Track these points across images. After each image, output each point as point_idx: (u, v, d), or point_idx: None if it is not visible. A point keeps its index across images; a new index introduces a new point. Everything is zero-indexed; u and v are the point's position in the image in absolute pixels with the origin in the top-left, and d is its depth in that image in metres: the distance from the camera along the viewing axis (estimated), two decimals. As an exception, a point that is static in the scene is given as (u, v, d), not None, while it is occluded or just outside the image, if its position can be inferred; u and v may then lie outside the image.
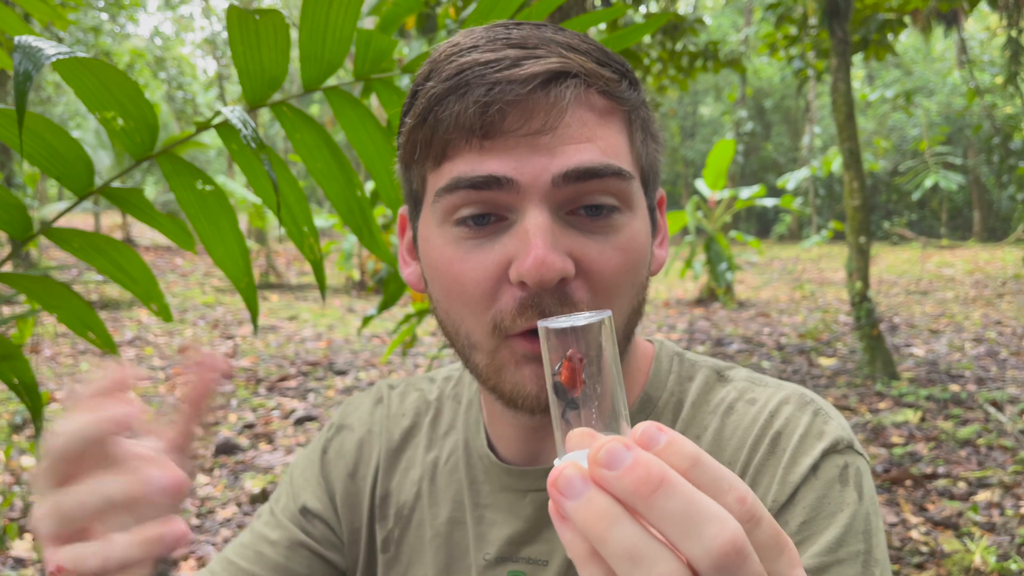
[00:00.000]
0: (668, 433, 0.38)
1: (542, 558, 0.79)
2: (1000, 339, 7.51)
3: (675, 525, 0.36)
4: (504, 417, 0.80)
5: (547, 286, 0.65)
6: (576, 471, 0.38)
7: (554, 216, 0.67)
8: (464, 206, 0.68)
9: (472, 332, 0.70)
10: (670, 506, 0.36)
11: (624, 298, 0.70)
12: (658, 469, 0.36)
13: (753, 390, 0.78)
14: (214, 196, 1.02)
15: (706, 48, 7.83)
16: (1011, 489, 3.73)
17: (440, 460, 0.87)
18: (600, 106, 0.69)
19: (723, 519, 0.36)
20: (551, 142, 0.66)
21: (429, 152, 0.69)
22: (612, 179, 0.68)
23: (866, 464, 0.74)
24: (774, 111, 25.28)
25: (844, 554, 0.67)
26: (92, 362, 6.71)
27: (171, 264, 14.21)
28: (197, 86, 24.04)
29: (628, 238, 0.70)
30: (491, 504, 0.82)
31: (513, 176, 0.66)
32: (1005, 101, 16.02)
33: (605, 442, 0.37)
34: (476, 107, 0.65)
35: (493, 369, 0.70)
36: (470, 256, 0.68)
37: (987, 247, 18.14)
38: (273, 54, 0.91)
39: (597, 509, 0.37)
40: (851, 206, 5.94)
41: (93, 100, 0.86)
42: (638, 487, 0.36)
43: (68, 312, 1.02)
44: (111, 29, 18.38)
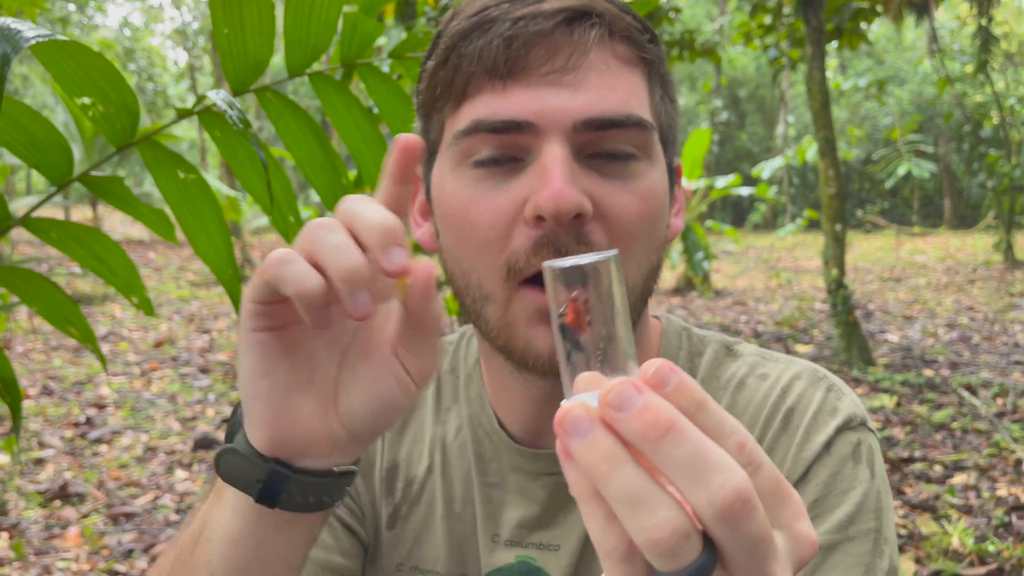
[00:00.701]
0: (679, 374, 0.38)
1: (554, 543, 0.77)
2: (972, 324, 7.62)
3: (681, 471, 0.35)
4: (514, 390, 0.77)
5: (564, 218, 0.63)
6: (583, 411, 0.37)
7: (574, 154, 0.66)
8: (483, 148, 0.67)
9: (485, 280, 0.68)
10: (678, 452, 0.35)
11: (641, 248, 0.69)
12: (667, 414, 0.36)
13: (764, 365, 0.78)
14: (197, 185, 1.00)
15: (681, 37, 7.84)
16: (986, 472, 3.79)
17: (448, 436, 0.84)
18: (623, 54, 0.69)
19: (729, 467, 0.36)
20: (574, 81, 0.65)
21: (450, 92, 0.68)
22: (633, 129, 0.67)
23: (877, 441, 0.74)
24: (749, 100, 25.42)
25: (855, 532, 0.67)
26: (65, 359, 6.61)
27: (144, 259, 14.04)
28: (168, 77, 23.72)
29: (647, 186, 0.69)
30: (499, 483, 0.80)
31: (533, 120, 0.65)
32: (975, 90, 16.23)
33: (617, 383, 0.36)
34: (500, 41, 0.65)
35: (505, 324, 0.68)
36: (485, 197, 0.67)
37: (958, 234, 18.40)
38: (257, 36, 0.89)
39: (601, 450, 0.36)
40: (827, 194, 5.99)
41: (72, 85, 0.84)
42: (646, 431, 0.35)
43: (48, 305, 0.99)
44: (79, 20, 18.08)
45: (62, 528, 3.43)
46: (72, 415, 5.06)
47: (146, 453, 4.40)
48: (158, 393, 5.60)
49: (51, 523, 3.48)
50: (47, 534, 3.37)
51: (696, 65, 19.59)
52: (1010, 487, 3.58)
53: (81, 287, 10.04)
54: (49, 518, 3.53)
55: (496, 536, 0.79)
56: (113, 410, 5.20)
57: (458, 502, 0.81)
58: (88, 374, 6.10)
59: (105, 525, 3.48)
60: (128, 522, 3.51)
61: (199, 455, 4.35)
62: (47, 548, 3.24)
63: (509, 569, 0.78)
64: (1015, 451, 3.98)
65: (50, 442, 4.52)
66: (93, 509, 3.64)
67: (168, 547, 0.62)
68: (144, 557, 3.17)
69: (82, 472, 4.09)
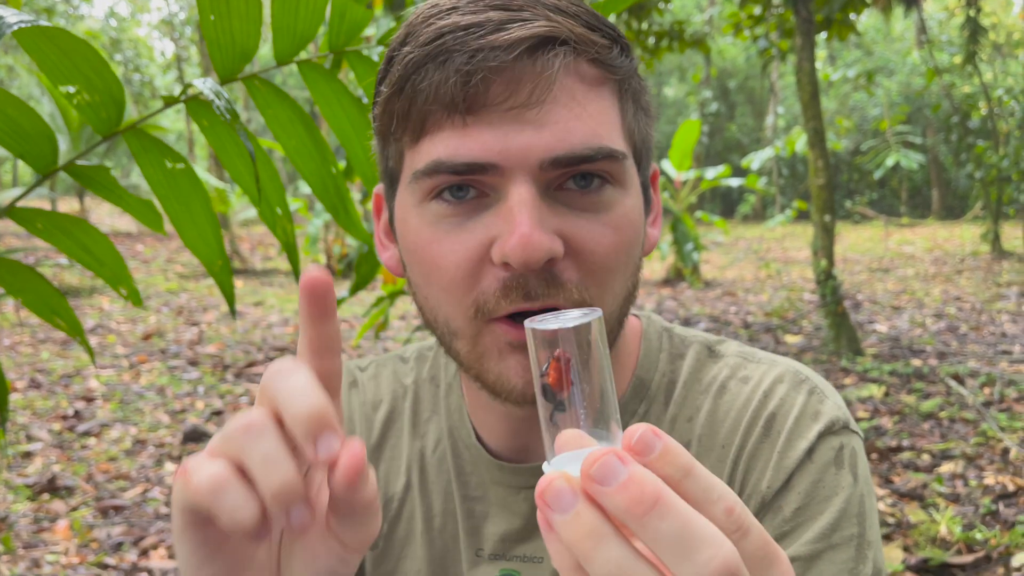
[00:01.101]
0: (663, 440, 0.37)
1: (537, 555, 0.76)
2: (960, 314, 7.67)
3: (668, 547, 0.34)
4: (492, 407, 0.75)
5: (533, 267, 0.60)
6: (565, 483, 0.36)
7: (541, 193, 0.62)
8: (444, 185, 0.64)
9: (452, 318, 0.66)
10: (664, 527, 0.34)
11: (617, 281, 0.66)
12: (652, 488, 0.35)
13: (746, 367, 0.76)
14: (184, 175, 0.99)
15: (671, 28, 7.83)
16: (973, 460, 3.81)
17: (427, 449, 0.82)
18: (590, 76, 0.64)
19: (718, 542, 0.35)
20: (538, 116, 0.61)
21: (407, 125, 0.64)
22: (604, 162, 0.64)
23: (860, 442, 0.72)
24: (738, 91, 25.43)
25: (838, 539, 0.66)
26: (53, 352, 6.58)
27: (132, 251, 13.95)
28: (155, 68, 23.55)
29: (620, 215, 0.65)
30: (481, 497, 0.78)
31: (497, 161, 0.61)
32: (963, 81, 16.29)
33: (600, 454, 0.35)
34: (457, 77, 0.60)
35: (475, 357, 0.66)
36: (449, 236, 0.64)
37: (946, 225, 18.50)
38: (244, 24, 0.88)
39: (584, 526, 0.35)
40: (816, 185, 6.00)
41: (57, 73, 0.83)
42: (631, 506, 0.34)
43: (34, 296, 0.98)
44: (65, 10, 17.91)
45: (51, 521, 3.41)
46: (60, 408, 5.03)
47: (135, 446, 4.39)
48: (147, 386, 5.57)
49: (40, 516, 3.46)
50: (36, 527, 3.36)
51: (686, 56, 19.58)
52: (997, 475, 3.61)
53: (69, 280, 9.98)
54: (38, 511, 3.52)
55: (480, 551, 0.78)
56: (102, 403, 5.17)
57: (438, 517, 0.80)
58: (76, 367, 6.07)
59: (94, 518, 3.46)
60: (117, 515, 3.50)
61: (188, 448, 4.33)
62: (36, 541, 3.22)
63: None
64: (1002, 440, 4.01)
65: (38, 435, 4.49)
66: (82, 502, 3.63)
67: None
68: (134, 550, 3.16)
69: (71, 465, 4.07)
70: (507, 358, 0.65)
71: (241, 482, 0.43)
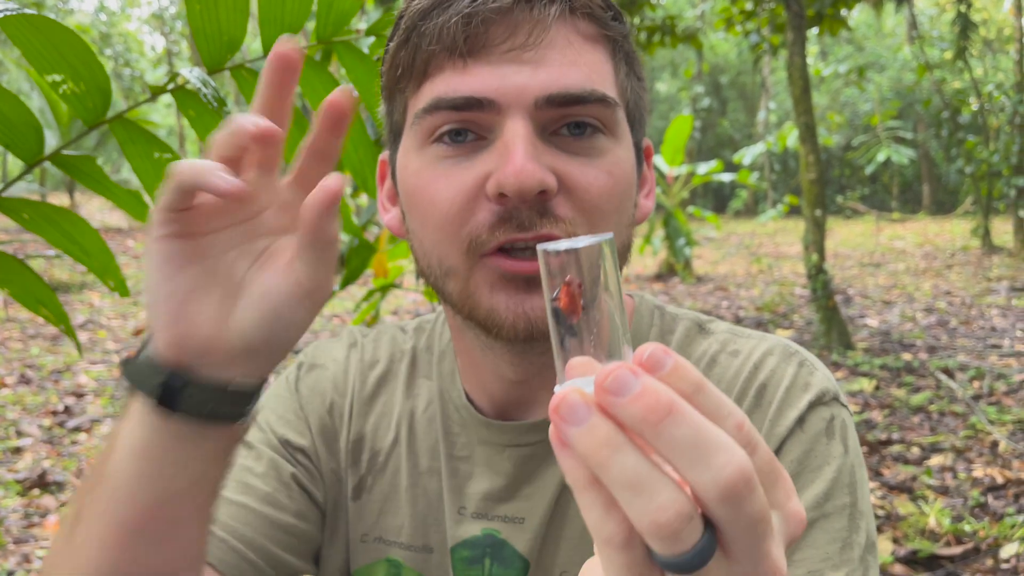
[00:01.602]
0: (673, 357, 0.37)
1: (519, 516, 0.77)
2: (950, 309, 7.71)
3: (683, 453, 0.35)
4: (483, 365, 0.77)
5: (527, 195, 0.63)
6: (579, 396, 0.36)
7: (536, 132, 0.65)
8: (444, 125, 0.67)
9: (446, 256, 0.68)
10: (679, 434, 0.35)
11: (611, 224, 0.68)
12: (667, 396, 0.35)
13: (736, 341, 0.77)
14: (172, 165, 0.98)
15: (663, 23, 7.82)
16: (962, 453, 3.84)
17: (418, 409, 0.84)
18: (585, 30, 0.68)
19: (731, 448, 0.35)
20: (534, 57, 0.65)
21: (411, 72, 0.68)
22: (596, 105, 0.66)
23: (850, 416, 0.73)
24: (730, 87, 25.46)
25: (831, 508, 0.67)
26: (42, 347, 6.55)
27: (123, 246, 13.89)
28: (145, 63, 23.43)
29: (612, 162, 0.68)
30: (467, 456, 0.80)
31: (494, 97, 0.64)
32: (954, 76, 16.35)
33: (612, 368, 0.36)
34: (459, 19, 0.64)
35: (467, 294, 0.68)
36: (447, 174, 0.67)
37: (936, 220, 18.57)
38: (231, 14, 0.87)
39: (600, 436, 0.35)
40: (807, 180, 6.02)
41: (42, 62, 0.82)
42: (647, 414, 0.35)
43: (20, 287, 0.98)
44: (54, 4, 17.80)
45: (41, 517, 3.40)
46: (50, 403, 5.01)
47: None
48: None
49: (30, 512, 3.45)
50: (26, 523, 3.35)
51: (678, 51, 19.59)
52: (986, 468, 3.63)
53: (59, 275, 9.93)
54: (28, 507, 3.51)
55: (463, 508, 0.79)
56: (92, 398, 5.15)
57: (424, 474, 0.81)
58: (66, 362, 6.04)
59: (85, 513, 3.46)
60: (108, 510, 3.49)
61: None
62: (26, 536, 3.21)
63: (475, 541, 0.78)
64: (991, 433, 4.03)
65: (28, 431, 4.48)
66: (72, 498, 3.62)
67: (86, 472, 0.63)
68: (125, 545, 3.16)
69: (61, 461, 4.06)
70: (498, 292, 0.66)
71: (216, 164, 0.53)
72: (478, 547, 0.78)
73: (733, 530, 0.35)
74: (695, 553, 0.35)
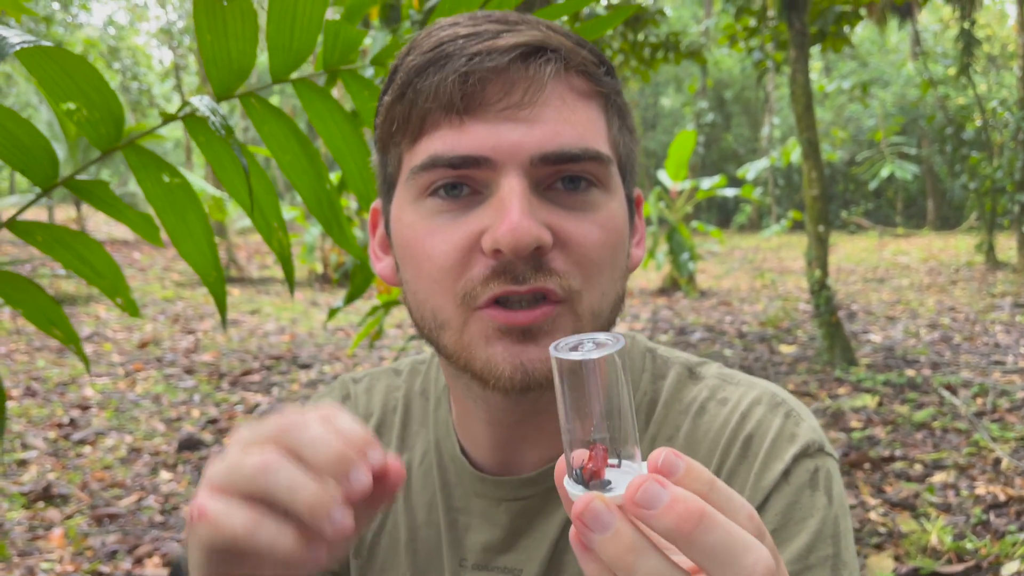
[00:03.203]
0: (684, 459, 0.39)
1: (517, 567, 0.77)
2: (954, 325, 7.70)
3: (716, 557, 0.37)
4: (476, 417, 0.77)
5: (523, 252, 0.63)
6: (602, 504, 0.38)
7: (531, 188, 0.66)
8: (440, 179, 0.67)
9: (440, 309, 0.68)
10: (711, 540, 0.36)
11: (604, 278, 0.68)
12: (696, 504, 0.37)
13: (724, 388, 0.77)
14: (181, 189, 1.01)
15: (667, 39, 7.87)
16: (965, 470, 3.83)
17: (414, 462, 0.84)
18: (579, 87, 0.69)
19: (757, 547, 0.37)
20: (530, 116, 0.65)
21: (407, 128, 0.68)
22: (591, 163, 0.67)
23: (835, 464, 0.74)
24: (734, 102, 25.53)
25: (814, 560, 0.68)
26: (48, 360, 6.58)
27: (129, 259, 13.95)
28: (153, 77, 23.57)
29: (606, 216, 0.69)
30: (464, 508, 0.80)
31: (491, 155, 0.65)
32: (958, 92, 16.37)
33: (640, 481, 0.37)
34: (456, 77, 0.64)
35: (462, 346, 0.67)
36: (442, 229, 0.67)
37: (941, 235, 18.56)
38: (241, 43, 0.90)
39: (625, 542, 0.37)
40: (810, 195, 6.04)
41: (57, 90, 0.85)
42: (680, 524, 0.36)
43: (32, 307, 1.00)
44: (64, 19, 17.94)
45: (46, 529, 3.42)
46: (56, 416, 5.03)
47: (130, 454, 4.39)
48: (142, 394, 5.58)
49: (35, 524, 3.47)
50: (31, 535, 3.36)
51: (682, 67, 19.65)
52: (988, 485, 3.63)
53: (65, 288, 9.98)
54: (33, 519, 3.52)
55: (463, 560, 0.79)
56: (97, 411, 5.17)
57: (422, 528, 0.82)
58: (72, 375, 6.07)
59: (89, 526, 3.47)
60: (112, 523, 3.50)
61: (183, 456, 4.34)
62: (31, 549, 3.22)
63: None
64: (994, 450, 4.03)
65: (33, 443, 4.50)
66: (77, 510, 3.63)
67: None
68: (128, 558, 3.17)
69: (66, 473, 4.07)
70: (494, 344, 0.66)
71: (272, 516, 0.48)
72: None
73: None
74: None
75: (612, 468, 0.41)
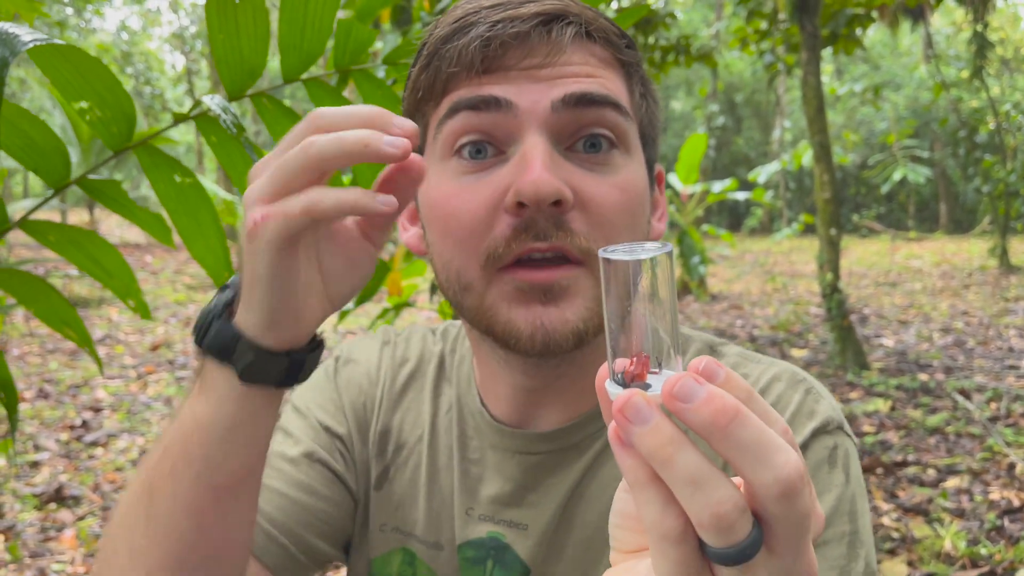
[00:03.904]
0: (724, 368, 0.40)
1: (523, 522, 0.79)
2: (967, 329, 7.65)
3: (748, 453, 0.37)
4: (498, 376, 0.79)
5: (544, 203, 0.64)
6: (642, 399, 0.39)
7: (553, 146, 0.68)
8: (464, 133, 0.69)
9: (465, 270, 0.70)
10: (744, 435, 0.37)
11: (623, 240, 0.69)
12: (732, 401, 0.38)
13: (745, 366, 0.79)
14: (193, 189, 1.01)
15: (678, 43, 7.86)
16: (979, 475, 3.80)
17: (440, 410, 0.87)
18: (600, 54, 0.71)
19: (788, 449, 0.38)
20: (551, 75, 0.68)
21: (432, 92, 0.71)
22: (610, 109, 0.69)
23: (854, 445, 0.74)
24: (745, 105, 25.48)
25: (830, 535, 0.68)
26: (61, 362, 6.61)
27: (141, 262, 14.03)
28: (165, 81, 23.72)
29: (625, 178, 0.70)
30: (478, 459, 0.82)
31: (512, 99, 0.67)
32: (971, 95, 16.28)
33: (679, 376, 0.38)
34: (478, 42, 0.67)
35: (484, 308, 0.69)
36: (467, 188, 0.69)
37: (953, 239, 18.45)
38: (253, 42, 0.90)
39: (665, 435, 0.38)
40: (821, 199, 6.01)
41: (69, 89, 0.85)
42: (716, 417, 0.37)
43: (46, 307, 1.01)
44: (77, 24, 18.08)
45: (58, 531, 3.43)
46: (68, 418, 5.06)
47: (142, 456, 4.41)
48: (154, 396, 5.60)
49: (47, 526, 3.48)
50: (43, 536, 3.37)
51: (692, 70, 19.62)
52: (1002, 491, 3.59)
53: (78, 291, 10.04)
54: (45, 521, 3.54)
55: (471, 510, 0.81)
56: (109, 413, 5.20)
57: (441, 472, 0.84)
58: (84, 377, 6.10)
59: (101, 528, 3.48)
60: (124, 525, 3.51)
61: (195, 458, 4.35)
62: (43, 550, 3.24)
63: (480, 543, 0.80)
64: (1008, 455, 3.99)
65: (46, 445, 4.52)
66: (89, 512, 3.64)
67: (152, 450, 0.65)
68: (139, 560, 3.18)
69: (78, 475, 4.09)
70: (515, 306, 0.68)
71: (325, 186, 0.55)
72: (482, 548, 0.80)
73: (782, 526, 0.38)
74: (748, 543, 0.38)
75: (653, 374, 0.41)
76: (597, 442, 0.78)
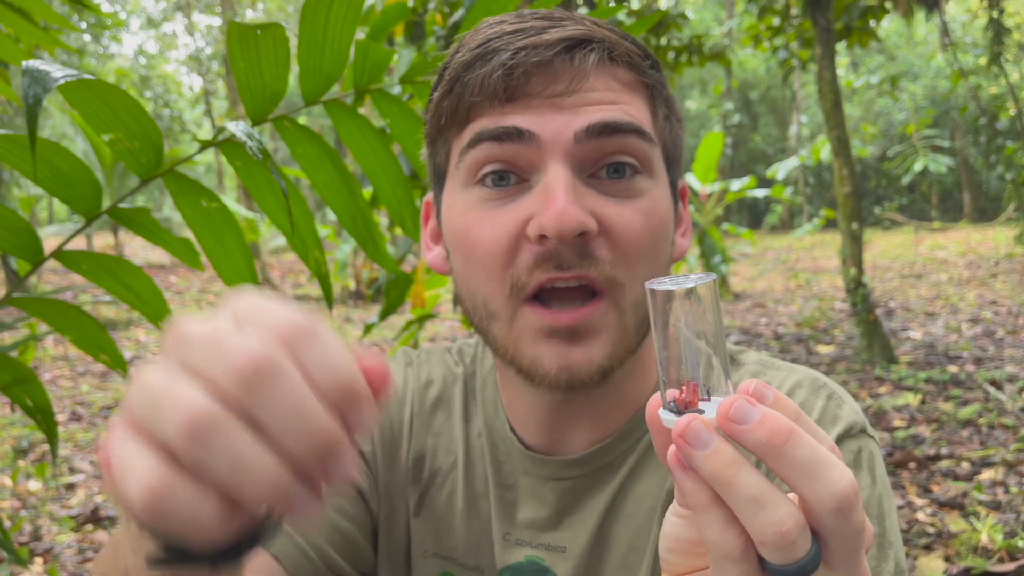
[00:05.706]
0: (772, 390, 0.41)
1: (561, 545, 0.79)
2: (996, 319, 7.55)
3: (803, 471, 0.39)
4: (524, 399, 0.79)
5: (567, 237, 0.64)
6: (701, 423, 0.40)
7: (576, 175, 0.68)
8: (487, 162, 0.69)
9: (490, 298, 0.70)
10: (799, 454, 0.39)
11: (647, 265, 0.70)
12: (785, 422, 0.39)
13: (766, 373, 0.79)
14: (219, 213, 1.03)
15: (690, 42, 7.84)
16: (1014, 467, 3.75)
17: (472, 435, 0.87)
18: (624, 78, 0.70)
19: (841, 465, 0.39)
20: (574, 103, 0.67)
21: (455, 119, 0.71)
22: (634, 136, 0.69)
23: (877, 446, 0.74)
24: (760, 102, 25.34)
25: None
26: (92, 384, 6.70)
27: (166, 282, 14.18)
28: (183, 103, 23.99)
29: (650, 204, 0.70)
30: (512, 485, 0.82)
31: (535, 130, 0.67)
32: (989, 82, 16.09)
33: (733, 399, 0.40)
34: (501, 70, 0.66)
35: (511, 340, 0.70)
36: (490, 216, 0.69)
37: (978, 228, 18.21)
38: (274, 68, 0.92)
39: (725, 457, 0.39)
40: (842, 193, 5.97)
41: (97, 121, 0.87)
42: (771, 438, 0.39)
43: (80, 334, 1.03)
44: (95, 50, 18.34)
45: (95, 552, 3.48)
46: (101, 440, 5.12)
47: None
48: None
49: (84, 547, 3.53)
50: (80, 558, 3.42)
51: (706, 69, 19.57)
52: (1039, 482, 3.55)
53: (106, 313, 10.17)
54: (82, 542, 3.58)
55: (508, 535, 0.81)
56: (141, 433, 5.25)
57: (479, 499, 0.84)
58: (115, 399, 6.18)
59: (137, 547, 3.52)
60: (159, 544, 3.55)
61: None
62: (81, 572, 3.28)
63: (519, 567, 0.80)
64: (1043, 445, 3.94)
65: (80, 467, 4.58)
66: (125, 532, 3.69)
67: None
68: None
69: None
70: (540, 344, 0.68)
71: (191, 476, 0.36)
72: (522, 573, 0.80)
73: (839, 540, 0.39)
74: (808, 559, 0.39)
75: (703, 401, 0.43)
76: (629, 459, 0.78)
